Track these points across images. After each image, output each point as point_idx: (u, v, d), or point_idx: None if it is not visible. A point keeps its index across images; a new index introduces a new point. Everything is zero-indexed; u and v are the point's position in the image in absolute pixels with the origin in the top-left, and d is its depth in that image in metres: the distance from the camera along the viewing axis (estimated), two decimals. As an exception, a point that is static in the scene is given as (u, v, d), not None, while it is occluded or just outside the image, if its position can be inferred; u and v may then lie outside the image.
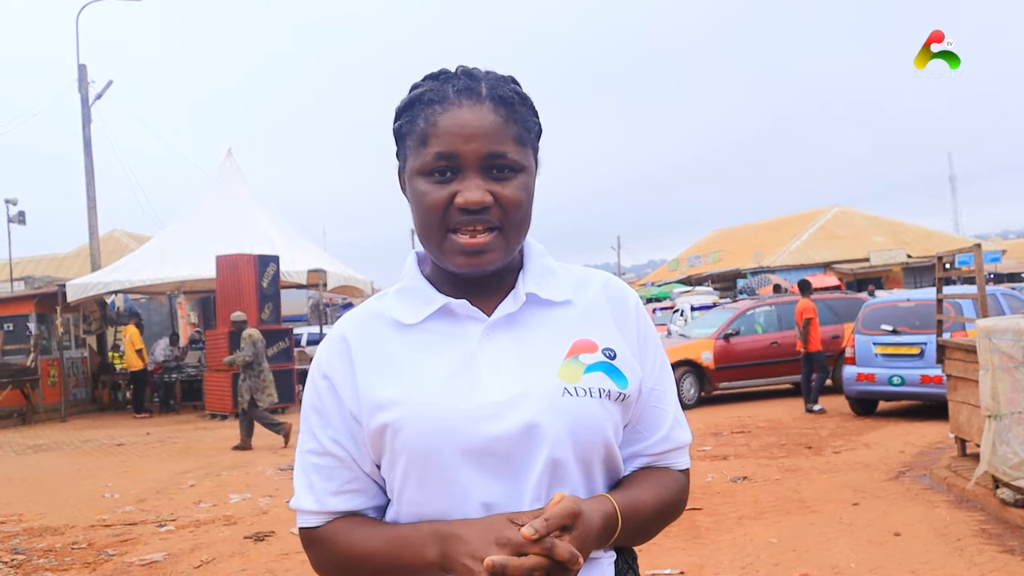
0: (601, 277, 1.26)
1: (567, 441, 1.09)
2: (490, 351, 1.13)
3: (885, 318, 10.34)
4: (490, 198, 1.10)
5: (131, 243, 28.36)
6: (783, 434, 9.32)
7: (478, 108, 1.12)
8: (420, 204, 1.12)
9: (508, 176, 1.12)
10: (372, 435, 1.12)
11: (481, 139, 1.10)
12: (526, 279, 1.19)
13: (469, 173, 1.10)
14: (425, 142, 1.12)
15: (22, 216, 22.39)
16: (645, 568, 4.60)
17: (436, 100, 1.13)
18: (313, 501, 1.17)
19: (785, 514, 5.82)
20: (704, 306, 20.37)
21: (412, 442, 1.09)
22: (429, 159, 1.11)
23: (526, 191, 1.14)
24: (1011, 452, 5.25)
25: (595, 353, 1.15)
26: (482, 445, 1.07)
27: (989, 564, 4.51)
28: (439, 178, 1.11)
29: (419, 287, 1.19)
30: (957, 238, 36.78)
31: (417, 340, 1.15)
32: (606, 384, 1.13)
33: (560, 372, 1.12)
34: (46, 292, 17.11)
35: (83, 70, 21.05)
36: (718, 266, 37.82)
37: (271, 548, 5.61)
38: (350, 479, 1.16)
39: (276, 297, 14.79)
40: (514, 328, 1.16)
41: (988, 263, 25.14)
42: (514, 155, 1.12)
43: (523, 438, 1.07)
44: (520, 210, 1.13)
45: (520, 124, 1.14)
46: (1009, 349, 5.27)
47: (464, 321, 1.16)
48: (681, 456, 1.26)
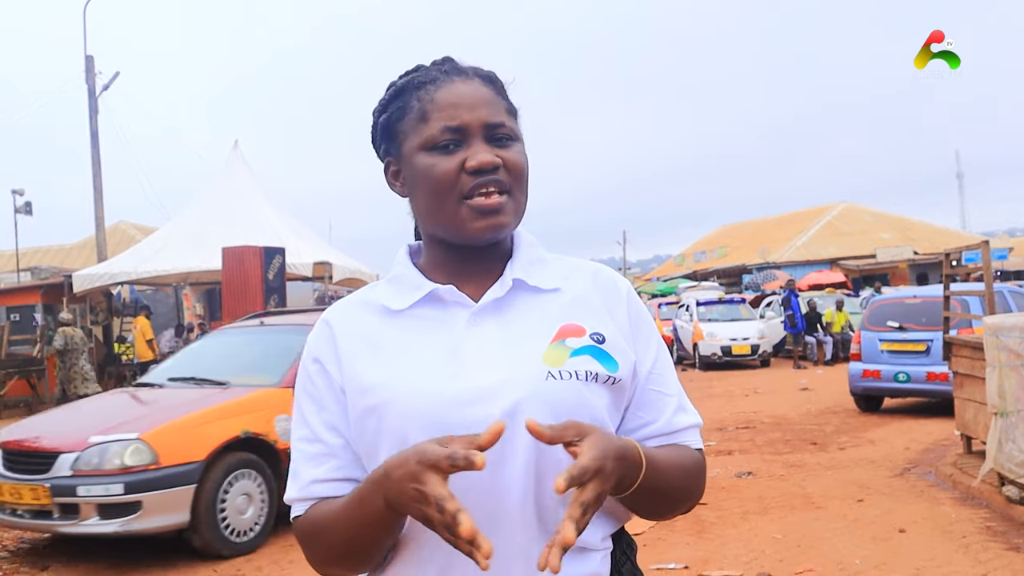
0: (591, 267, 1.26)
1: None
2: (476, 336, 1.13)
3: (892, 314, 10.31)
4: (499, 160, 1.13)
5: (137, 234, 28.40)
6: (788, 430, 9.31)
7: (470, 83, 1.16)
8: (430, 176, 1.13)
9: (509, 143, 1.15)
10: (357, 418, 1.12)
11: (481, 108, 1.14)
12: (514, 266, 1.19)
13: (475, 141, 1.13)
14: (425, 117, 1.14)
15: (29, 207, 22.40)
16: (650, 562, 4.60)
17: (427, 81, 1.17)
18: (297, 489, 1.16)
19: (790, 510, 5.82)
20: (710, 301, 20.34)
21: (395, 426, 1.08)
22: (435, 132, 1.13)
23: (525, 157, 1.18)
24: (1017, 449, 5.24)
25: (582, 337, 1.14)
26: (463, 430, 1.04)
27: (994, 561, 4.50)
28: (446, 150, 1.13)
29: (408, 274, 1.20)
30: (964, 235, 36.64)
31: (404, 325, 1.15)
32: (593, 367, 1.11)
33: (545, 356, 1.11)
34: (53, 283, 17.16)
35: (90, 61, 21.05)
36: (724, 262, 37.76)
37: (275, 538, 5.62)
38: (338, 467, 1.15)
39: (282, 289, 14.78)
40: (501, 314, 1.15)
41: (995, 260, 24.98)
42: (510, 124, 1.17)
43: (505, 423, 1.05)
44: (523, 174, 1.17)
45: (506, 99, 1.20)
46: (1016, 347, 5.25)
47: (451, 307, 1.16)
48: (692, 435, 1.23)
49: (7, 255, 26.80)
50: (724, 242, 41.56)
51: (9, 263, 25.79)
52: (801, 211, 40.79)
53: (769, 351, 18.68)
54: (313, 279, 17.81)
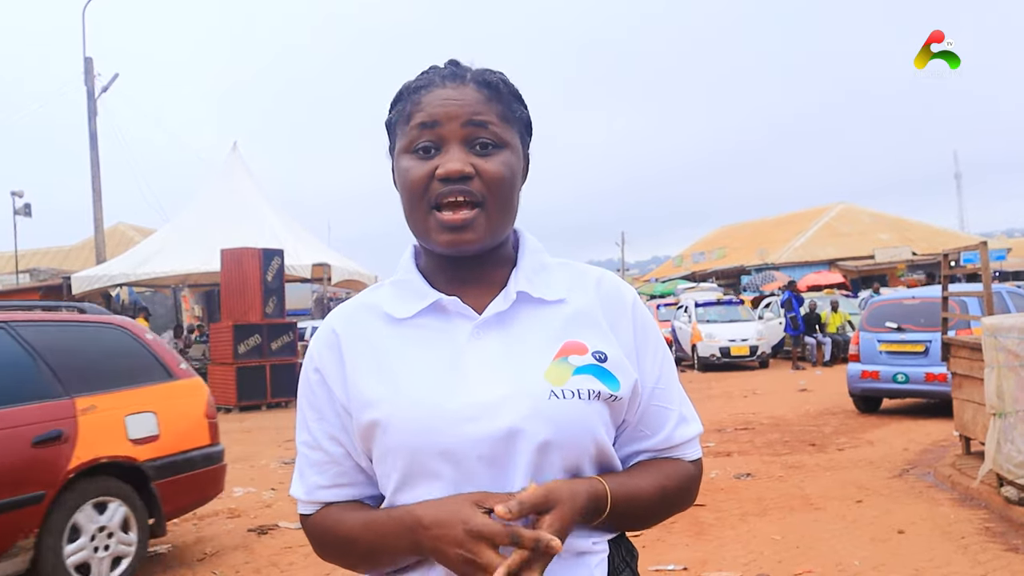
0: (595, 275, 1.24)
1: (552, 445, 1.07)
2: (478, 350, 1.12)
3: (890, 315, 10.32)
4: (471, 169, 1.10)
5: (136, 236, 28.42)
6: (787, 431, 9.31)
7: (461, 88, 1.14)
8: (405, 180, 1.13)
9: (491, 152, 1.12)
10: (361, 431, 1.13)
11: (463, 114, 1.11)
12: (518, 276, 1.18)
13: (451, 146, 1.11)
14: (409, 119, 1.14)
15: (28, 208, 22.42)
16: (648, 563, 4.60)
17: (422, 85, 1.16)
18: (304, 492, 1.20)
19: (789, 511, 5.82)
20: (708, 302, 20.34)
21: (397, 440, 1.09)
22: (413, 135, 1.12)
23: (509, 168, 1.13)
24: (1016, 450, 5.24)
25: (585, 355, 1.13)
26: (464, 446, 1.06)
27: (993, 562, 4.50)
28: (422, 155, 1.12)
29: (412, 281, 1.19)
30: (962, 236, 36.67)
31: (407, 335, 1.15)
32: (595, 386, 1.11)
33: (547, 374, 1.10)
34: (51, 284, 17.19)
35: (89, 63, 21.06)
36: (722, 263, 37.78)
37: (275, 541, 5.62)
38: (341, 473, 1.18)
39: (280, 291, 14.80)
40: (504, 327, 1.14)
41: (993, 261, 25.03)
42: (496, 128, 1.13)
43: (506, 441, 1.06)
44: (502, 187, 1.12)
45: (504, 105, 1.15)
46: (1015, 347, 5.25)
47: (454, 318, 1.15)
48: (690, 448, 1.24)
49: (6, 257, 26.79)
50: (723, 243, 41.60)
51: (8, 265, 25.79)
52: (799, 212, 40.84)
53: (768, 352, 18.69)
54: (312, 280, 17.82)
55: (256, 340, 14.17)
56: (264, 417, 13.24)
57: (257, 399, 14.21)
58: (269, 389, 14.29)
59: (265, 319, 14.29)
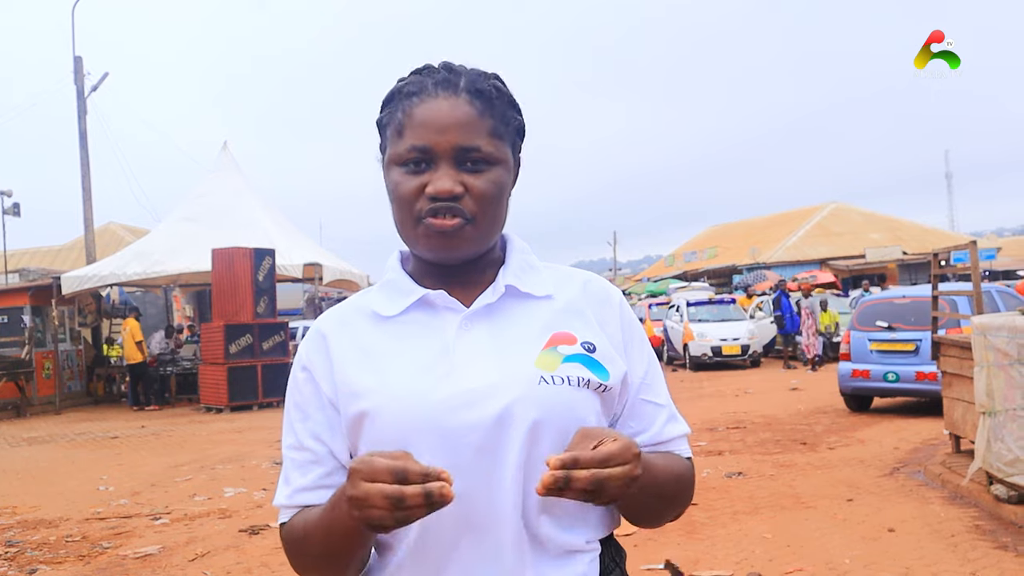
0: (582, 276, 1.26)
1: (542, 426, 1.07)
2: (467, 341, 1.13)
3: (881, 314, 10.36)
4: (460, 188, 1.10)
5: (127, 236, 28.31)
6: (778, 430, 9.34)
7: (454, 100, 1.12)
8: (395, 193, 1.14)
9: (481, 169, 1.12)
10: (349, 424, 1.13)
11: (454, 131, 1.11)
12: (506, 273, 1.19)
13: (442, 164, 1.11)
14: (401, 133, 1.13)
15: (17, 208, 22.27)
16: (640, 563, 4.61)
17: (415, 92, 1.14)
18: (286, 496, 1.17)
19: (780, 509, 5.84)
20: (700, 302, 20.38)
21: (386, 431, 1.08)
22: (403, 150, 1.12)
23: (498, 184, 1.13)
24: (1005, 449, 5.27)
25: (574, 345, 1.14)
26: (455, 434, 1.06)
27: (983, 560, 4.52)
28: (413, 168, 1.12)
29: (399, 280, 1.20)
30: (953, 235, 36.83)
31: (395, 331, 1.15)
32: (585, 374, 1.12)
33: (537, 361, 1.11)
34: (41, 284, 17.09)
35: (79, 62, 20.97)
36: (714, 262, 37.85)
37: (266, 542, 5.60)
38: (324, 474, 1.15)
39: (272, 291, 14.76)
40: (492, 319, 1.15)
41: (983, 260, 25.12)
42: (488, 148, 1.12)
43: (497, 426, 1.06)
44: (492, 203, 1.13)
45: (497, 118, 1.15)
46: (1004, 346, 5.28)
47: (442, 312, 1.16)
48: (681, 445, 1.25)
49: (-5, 257, 26.60)
50: (714, 242, 41.66)
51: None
52: (791, 211, 40.93)
53: (759, 351, 18.74)
54: (303, 280, 17.77)
55: (247, 340, 14.14)
56: (255, 417, 13.21)
57: (248, 399, 14.18)
58: (260, 389, 14.27)
59: (256, 319, 14.26)
